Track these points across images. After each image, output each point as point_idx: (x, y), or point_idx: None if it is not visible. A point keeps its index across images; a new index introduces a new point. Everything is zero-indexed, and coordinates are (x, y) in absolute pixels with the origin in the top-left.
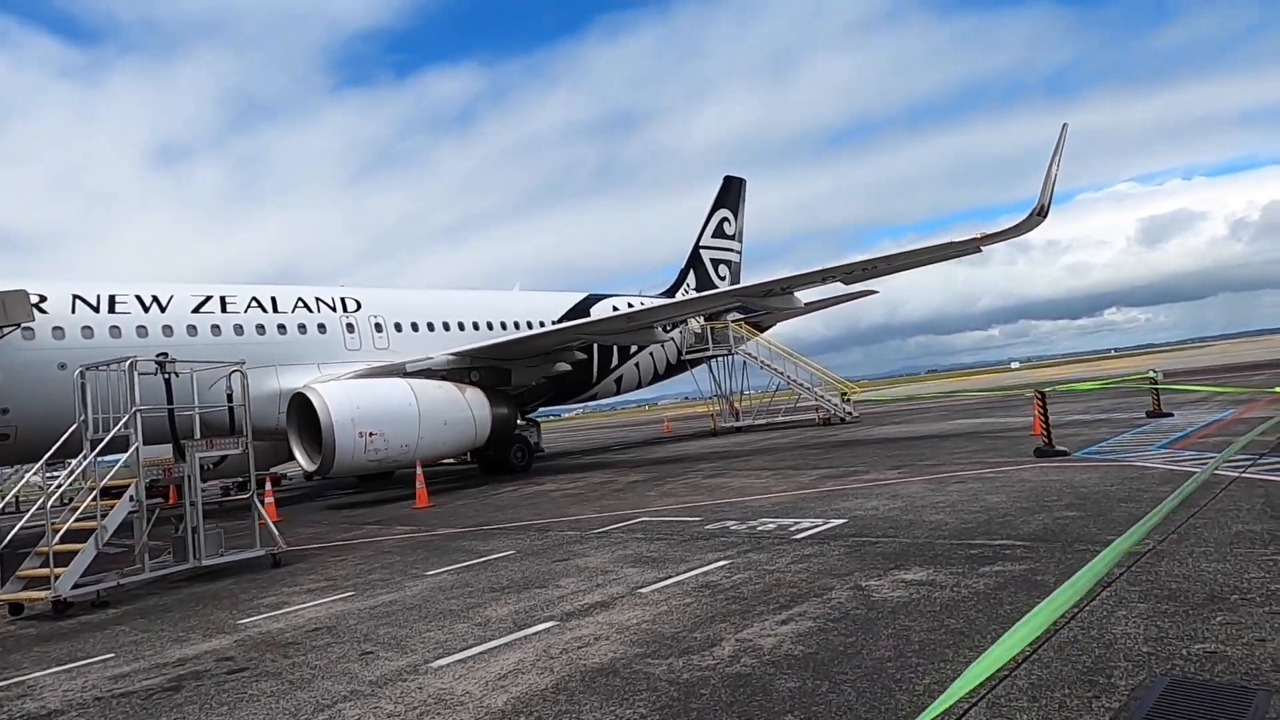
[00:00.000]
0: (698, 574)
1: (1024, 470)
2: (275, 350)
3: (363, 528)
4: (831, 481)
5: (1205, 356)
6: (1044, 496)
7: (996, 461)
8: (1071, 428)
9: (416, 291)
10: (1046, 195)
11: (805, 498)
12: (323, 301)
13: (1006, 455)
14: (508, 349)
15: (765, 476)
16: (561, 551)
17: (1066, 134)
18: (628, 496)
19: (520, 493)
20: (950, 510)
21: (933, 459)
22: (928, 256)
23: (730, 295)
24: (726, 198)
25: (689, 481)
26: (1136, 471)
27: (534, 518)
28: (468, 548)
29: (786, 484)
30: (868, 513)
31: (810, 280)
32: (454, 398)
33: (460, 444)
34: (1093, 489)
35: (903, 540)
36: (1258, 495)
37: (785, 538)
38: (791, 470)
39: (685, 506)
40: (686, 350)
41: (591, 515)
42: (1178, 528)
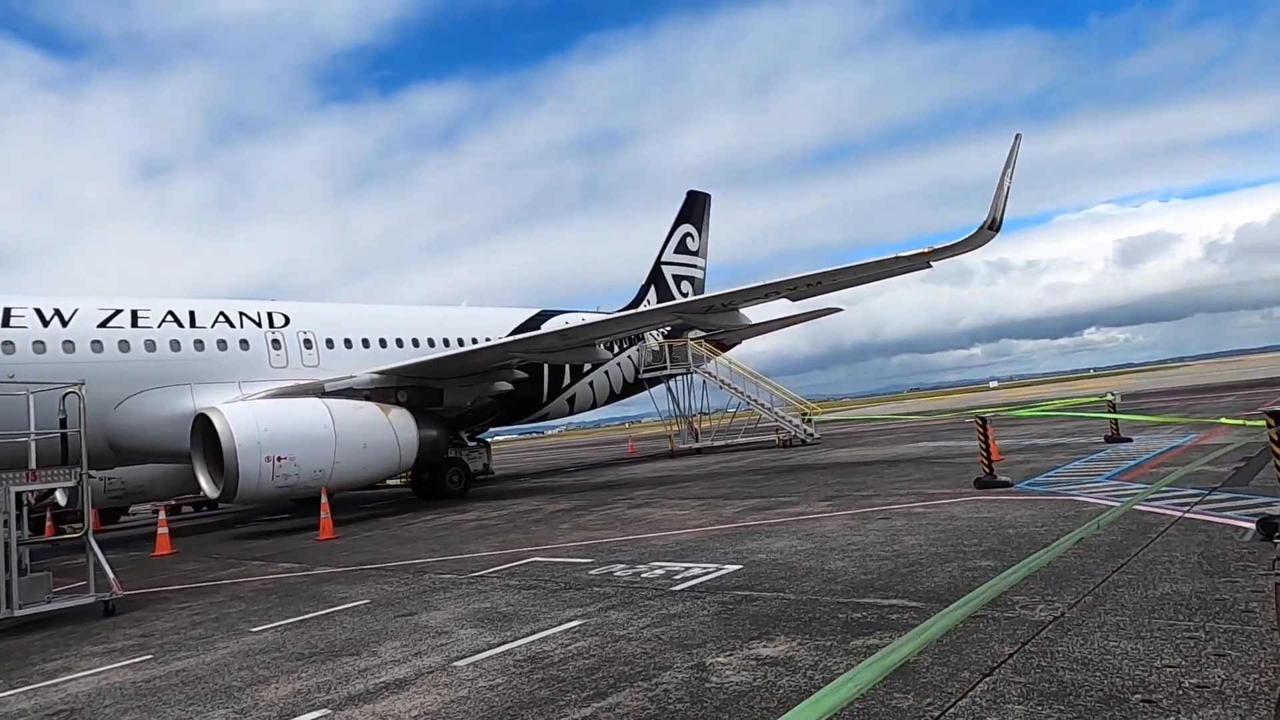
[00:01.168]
0: (536, 639)
1: (957, 505)
2: (191, 368)
3: (244, 564)
4: (754, 515)
5: (1180, 377)
6: (964, 540)
7: (933, 493)
8: (1024, 454)
9: (352, 306)
10: (998, 209)
11: (716, 535)
12: (246, 316)
13: (946, 485)
14: (437, 367)
15: (691, 507)
16: (416, 603)
17: (1019, 145)
18: (538, 530)
19: (437, 523)
20: (858, 556)
21: (870, 489)
22: (875, 272)
23: (668, 311)
24: (690, 212)
25: (612, 512)
26: (1074, 508)
27: (426, 555)
28: (326, 594)
29: (707, 517)
30: (770, 557)
31: (752, 296)
32: (376, 419)
33: (383, 469)
34: (1020, 530)
35: (787, 596)
36: (1197, 542)
37: (663, 589)
38: (722, 500)
39: (588, 544)
40: (644, 369)
41: (486, 553)
42: (1099, 585)
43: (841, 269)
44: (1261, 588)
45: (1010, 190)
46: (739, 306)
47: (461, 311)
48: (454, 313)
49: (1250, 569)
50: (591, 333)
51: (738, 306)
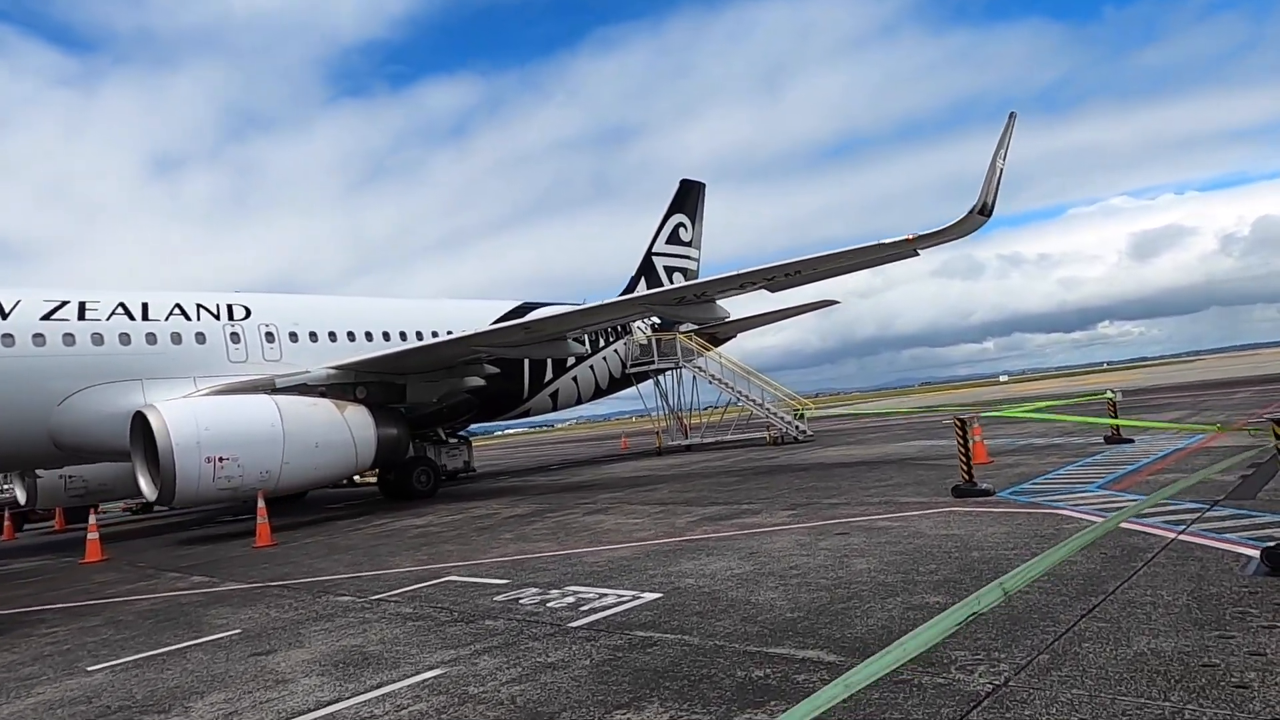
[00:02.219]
0: (375, 697)
1: (927, 518)
2: (142, 362)
3: (160, 576)
4: (708, 526)
5: (1194, 371)
6: (921, 565)
7: (906, 502)
8: (1017, 455)
9: (319, 298)
10: (990, 193)
11: (656, 552)
12: (204, 308)
13: (923, 493)
14: (398, 361)
15: (647, 515)
16: (287, 635)
17: (1014, 125)
18: (476, 541)
19: (385, 529)
20: (795, 584)
21: (841, 495)
22: (858, 260)
23: (637, 303)
24: (684, 202)
25: (563, 520)
26: (1054, 525)
27: (345, 569)
28: (206, 620)
29: (658, 527)
30: (698, 583)
31: (726, 286)
32: (330, 417)
33: (337, 469)
34: (987, 553)
35: (691, 640)
36: (1188, 576)
37: (560, 626)
38: (682, 507)
39: (516, 560)
40: (632, 363)
41: (407, 569)
42: (1060, 637)
43: (820, 257)
44: (1263, 648)
45: (1003, 173)
46: (715, 298)
47: (438, 304)
48: (430, 306)
49: (1249, 618)
50: (556, 325)
51: (713, 298)
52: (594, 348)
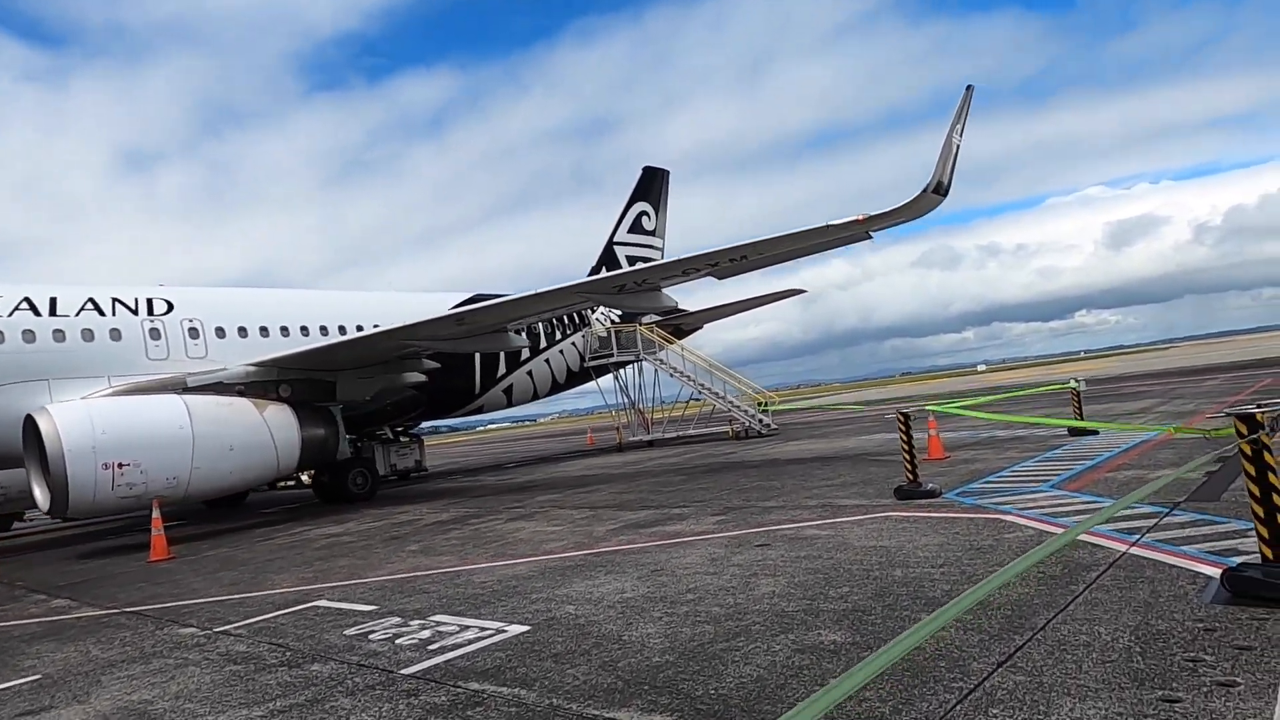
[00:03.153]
0: None
1: (861, 525)
2: (48, 361)
3: (26, 598)
4: (627, 535)
5: (1168, 359)
6: (832, 588)
7: (845, 505)
8: (977, 449)
9: (252, 291)
10: (945, 171)
11: (555, 568)
12: (121, 303)
13: (867, 494)
14: (324, 357)
15: (572, 522)
16: (81, 686)
17: (970, 99)
18: (376, 554)
19: (296, 538)
20: (684, 613)
21: (780, 498)
22: (807, 243)
23: (574, 291)
24: (648, 190)
25: (481, 528)
26: (994, 534)
27: (217, 591)
28: (15, 661)
29: (574, 537)
30: (577, 611)
31: (669, 272)
32: (247, 418)
33: (256, 473)
34: (911, 571)
35: (527, 697)
36: (1136, 604)
37: (389, 672)
38: (613, 511)
39: (401, 579)
40: (590, 356)
41: (281, 590)
42: (964, 698)
43: (767, 240)
44: (1222, 718)
45: (960, 149)
46: (659, 285)
47: (383, 297)
48: (374, 298)
49: (1201, 669)
50: (490, 316)
51: (657, 285)
52: (550, 340)
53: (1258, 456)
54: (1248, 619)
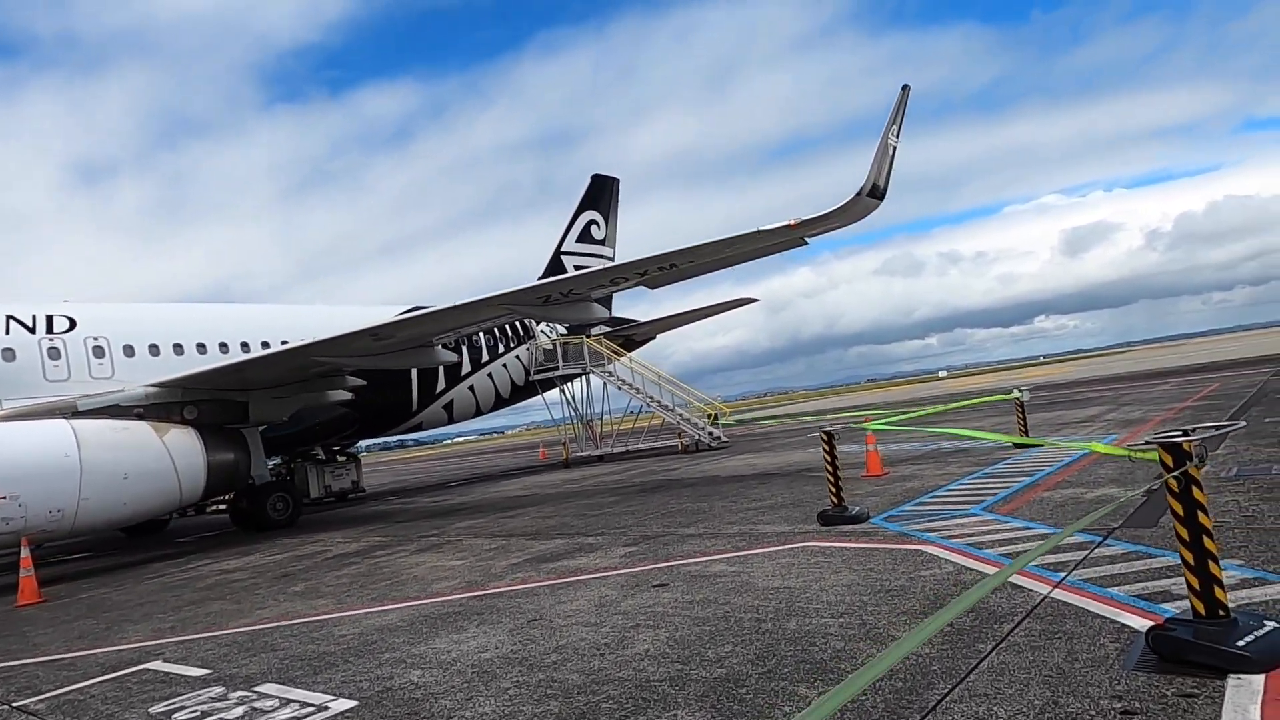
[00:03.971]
0: None
1: (774, 558)
2: None
3: None
4: (527, 570)
5: (1123, 363)
6: (717, 643)
7: (766, 533)
8: (919, 464)
9: (167, 306)
10: (881, 173)
11: (429, 616)
12: (16, 321)
13: (793, 518)
14: (233, 376)
15: (478, 554)
16: None
17: (907, 99)
18: (259, 594)
19: (185, 576)
20: (535, 683)
21: (701, 525)
22: (739, 249)
23: (496, 302)
24: (598, 199)
25: (380, 562)
26: (909, 571)
27: (55, 648)
28: None
29: (469, 575)
30: (424, 678)
31: (595, 282)
32: (144, 442)
33: (154, 503)
34: (806, 623)
35: None
36: (1048, 670)
37: None
38: (527, 540)
39: (260, 630)
40: (536, 370)
41: (129, 645)
42: None
43: (697, 247)
44: None
45: (897, 151)
46: (589, 296)
47: (312, 311)
48: (303, 312)
49: None
50: (406, 330)
51: (586, 296)
52: (494, 354)
53: (1186, 492)
54: (1174, 695)
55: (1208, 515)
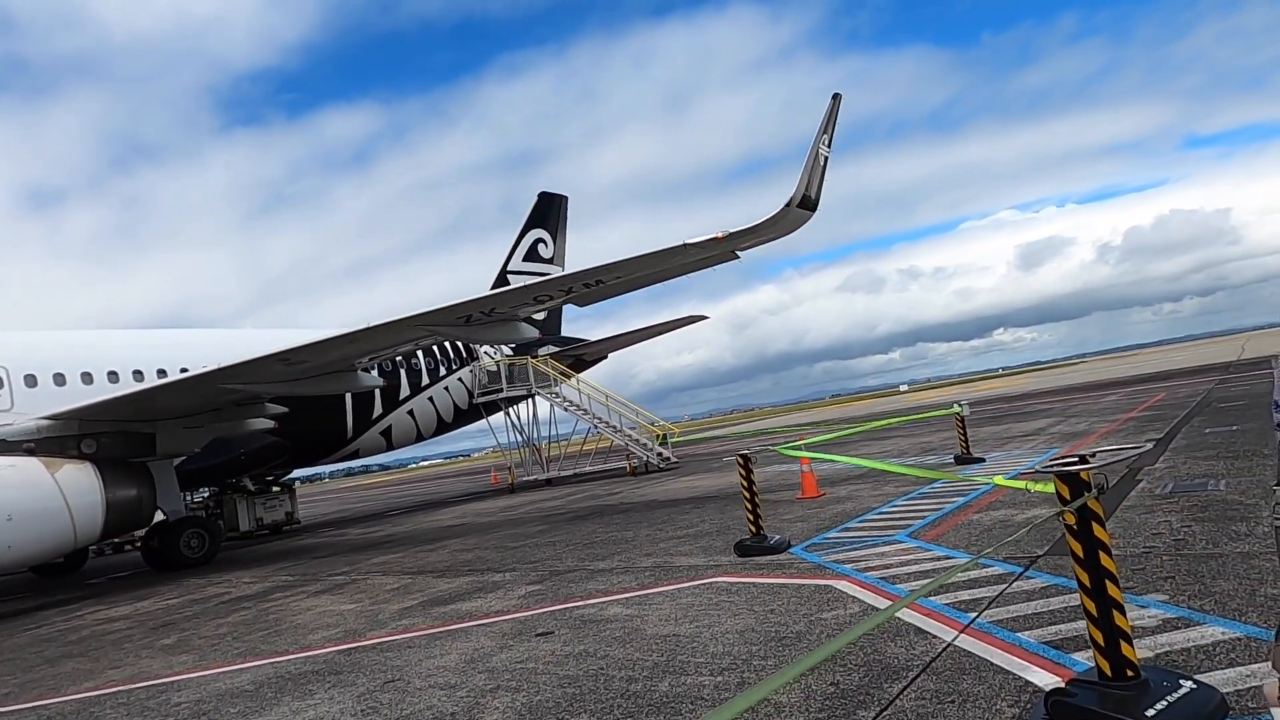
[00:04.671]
0: None
1: (677, 596)
2: None
3: None
4: (416, 616)
5: (1076, 374)
6: (574, 711)
7: (679, 566)
8: (855, 483)
9: (74, 333)
10: (811, 184)
11: (284, 678)
12: None
13: (712, 548)
14: (135, 406)
15: (374, 597)
16: None
17: (838, 108)
18: (125, 648)
19: (75, 622)
20: None
21: (618, 556)
22: (665, 264)
23: (413, 323)
24: (546, 217)
25: (269, 608)
26: (814, 612)
27: None
28: None
29: (354, 623)
30: None
31: (517, 300)
32: (33, 480)
33: (46, 545)
34: (682, 682)
35: None
36: None
37: None
38: (432, 578)
39: (86, 700)
40: (479, 392)
41: None
42: None
43: (621, 262)
44: None
45: (829, 162)
46: (515, 315)
47: (238, 335)
48: (226, 337)
49: None
50: (314, 354)
51: (511, 316)
52: (434, 377)
53: (1085, 529)
54: None
55: (1110, 556)
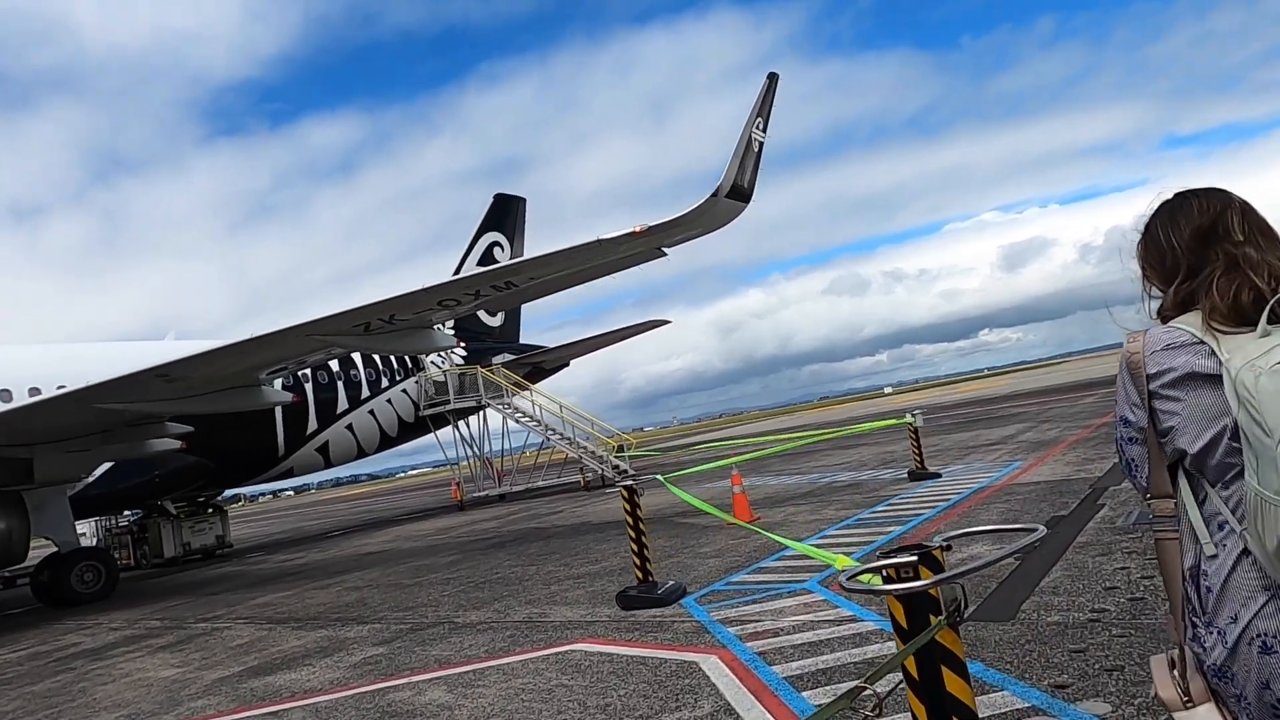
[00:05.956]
0: None
1: (508, 677)
2: None
3: None
4: (223, 691)
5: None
6: None
7: (548, 623)
8: (795, 504)
9: None
10: (745, 173)
11: None
12: None
13: (599, 596)
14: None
15: (204, 660)
16: None
17: (775, 90)
18: None
19: None
20: None
21: (502, 601)
22: (583, 262)
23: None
24: (503, 219)
25: (94, 670)
26: (650, 713)
27: None
28: None
29: (152, 702)
30: None
31: (420, 305)
32: None
33: None
34: None
35: None
36: None
37: None
38: (291, 629)
39: None
40: (426, 404)
41: None
42: None
43: (533, 260)
44: None
45: (763, 148)
46: (426, 323)
47: (158, 348)
48: (147, 350)
49: None
50: (197, 368)
51: (420, 323)
52: (375, 389)
53: (932, 677)
54: None
55: (974, 712)
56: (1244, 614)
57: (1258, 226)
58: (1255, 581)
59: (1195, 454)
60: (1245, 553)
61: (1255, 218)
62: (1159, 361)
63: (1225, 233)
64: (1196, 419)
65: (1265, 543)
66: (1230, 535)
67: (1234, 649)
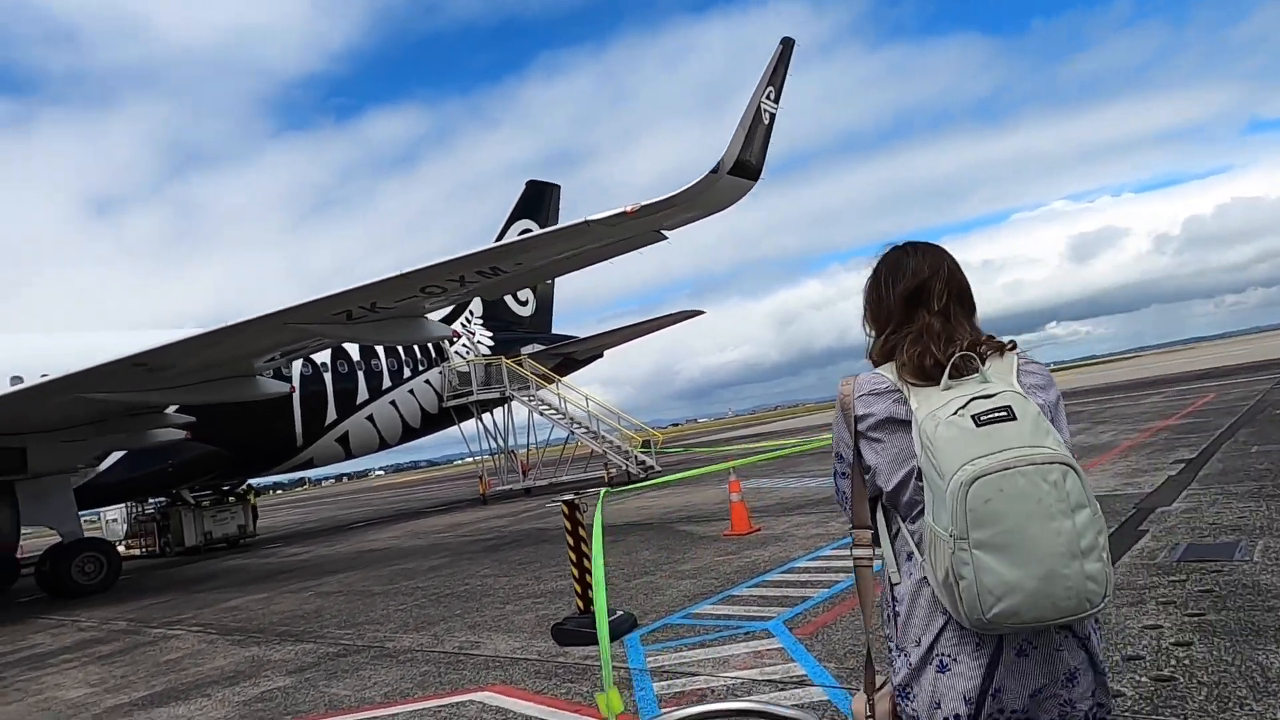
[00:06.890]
0: None
1: None
2: None
3: None
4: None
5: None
6: None
7: (474, 657)
8: (797, 515)
9: None
10: (751, 148)
11: None
12: None
13: (537, 623)
14: None
15: (135, 677)
16: None
17: (790, 56)
18: None
19: None
20: None
21: (448, 621)
22: (572, 246)
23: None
24: (538, 207)
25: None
26: None
27: None
28: None
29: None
30: None
31: (402, 292)
32: None
33: None
34: None
35: None
36: None
37: None
38: (229, 644)
39: None
40: (449, 395)
41: None
42: None
43: (515, 244)
44: None
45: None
46: (417, 310)
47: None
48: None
49: None
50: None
51: (414, 310)
52: (398, 379)
53: None
54: None
55: None
56: (926, 637)
57: (956, 293)
58: (935, 607)
59: (890, 491)
60: (926, 581)
61: (956, 284)
62: (865, 404)
63: (927, 298)
64: (892, 460)
65: (937, 572)
66: (915, 565)
67: (916, 669)
